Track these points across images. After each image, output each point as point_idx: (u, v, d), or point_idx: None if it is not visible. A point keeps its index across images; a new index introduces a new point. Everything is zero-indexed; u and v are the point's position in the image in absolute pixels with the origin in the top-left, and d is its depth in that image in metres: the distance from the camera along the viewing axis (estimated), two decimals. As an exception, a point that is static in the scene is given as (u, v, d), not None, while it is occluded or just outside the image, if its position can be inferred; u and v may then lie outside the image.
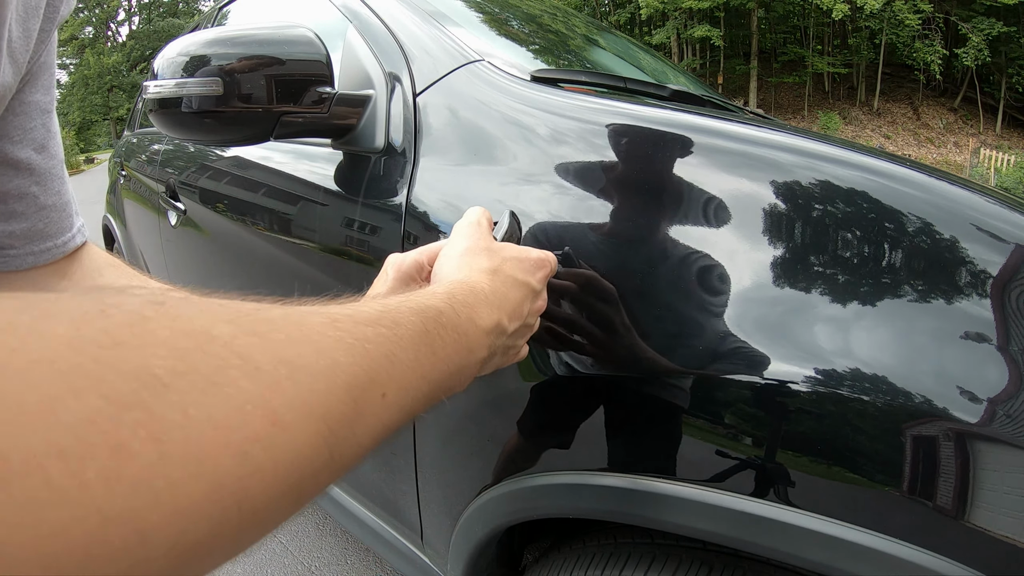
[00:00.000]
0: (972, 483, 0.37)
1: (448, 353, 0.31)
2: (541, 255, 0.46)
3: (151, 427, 0.14)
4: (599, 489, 0.52)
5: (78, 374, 0.13)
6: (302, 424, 0.18)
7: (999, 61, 15.67)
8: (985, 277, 0.41)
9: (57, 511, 0.12)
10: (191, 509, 0.14)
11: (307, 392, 0.19)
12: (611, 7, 20.94)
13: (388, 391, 0.24)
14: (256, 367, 0.17)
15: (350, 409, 0.21)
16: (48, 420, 0.12)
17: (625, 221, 0.54)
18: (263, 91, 0.67)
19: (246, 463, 0.16)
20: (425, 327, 0.29)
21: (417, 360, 0.27)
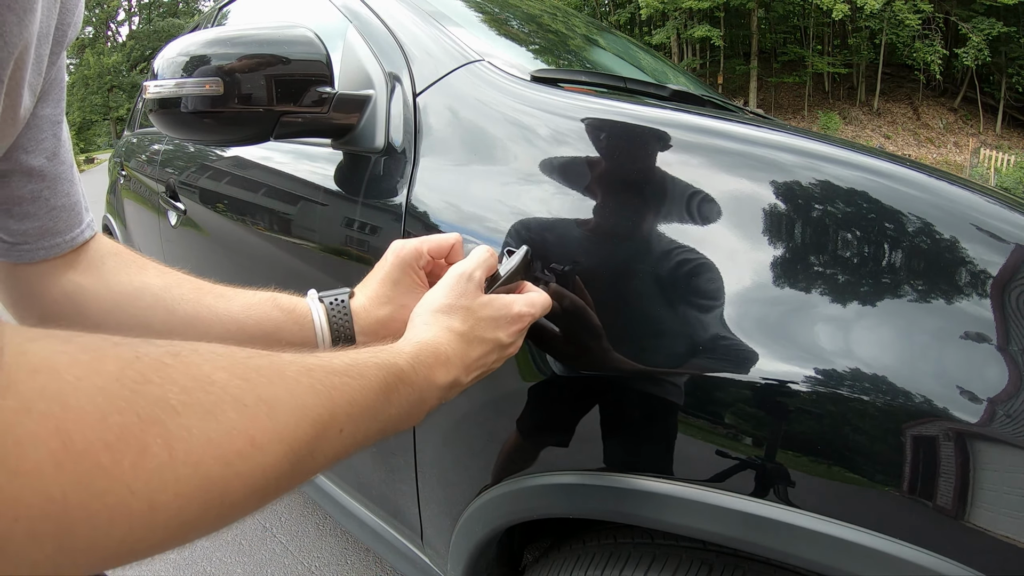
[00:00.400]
0: (972, 483, 0.37)
1: (401, 402, 0.36)
2: (522, 309, 0.48)
3: (166, 437, 0.20)
4: (599, 489, 0.52)
5: (121, 398, 0.20)
6: (273, 447, 0.25)
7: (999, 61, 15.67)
8: (985, 277, 0.41)
9: (101, 482, 0.18)
10: (188, 495, 0.21)
11: (279, 424, 0.26)
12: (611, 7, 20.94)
13: (345, 428, 0.30)
14: (243, 404, 0.24)
15: (311, 438, 0.27)
16: (102, 424, 0.19)
17: (625, 221, 0.54)
18: (263, 91, 0.67)
19: (229, 469, 0.23)
20: (386, 381, 0.35)
21: (374, 407, 0.33)
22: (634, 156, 0.57)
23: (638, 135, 0.57)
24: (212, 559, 1.40)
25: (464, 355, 0.44)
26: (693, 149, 0.54)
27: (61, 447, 0.17)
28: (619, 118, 0.59)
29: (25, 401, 0.17)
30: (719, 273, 0.48)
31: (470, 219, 0.64)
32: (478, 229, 0.63)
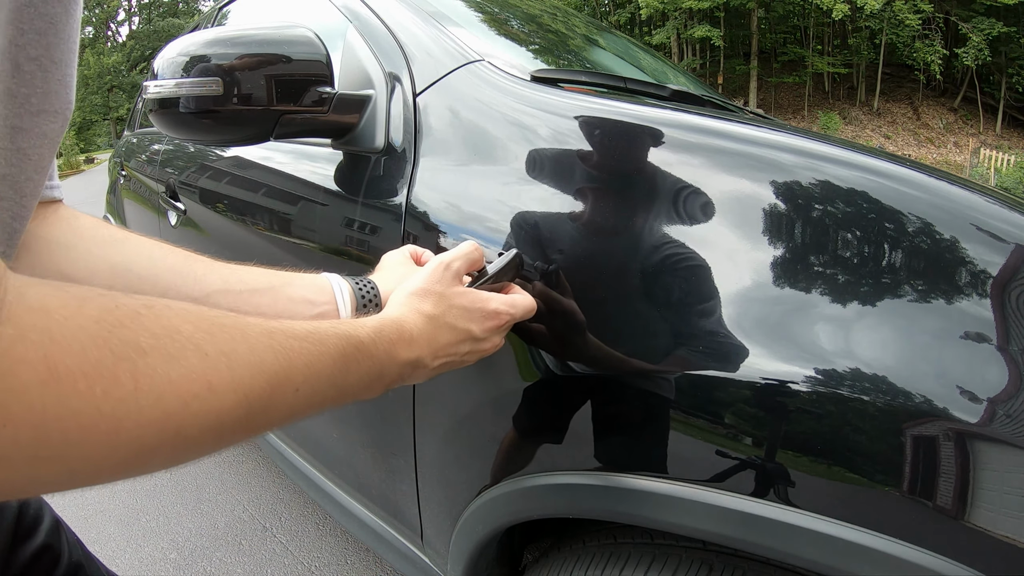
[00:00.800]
0: (972, 483, 0.37)
1: (360, 372, 0.38)
2: (499, 307, 0.49)
3: (133, 372, 0.24)
4: (599, 489, 0.52)
5: (100, 337, 0.23)
6: (228, 394, 0.28)
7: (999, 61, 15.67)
8: (985, 277, 0.41)
9: (76, 402, 0.22)
10: (147, 424, 0.24)
11: (236, 375, 0.28)
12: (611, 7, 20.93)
13: (301, 388, 0.33)
14: (205, 353, 0.27)
15: (267, 393, 0.30)
16: (81, 356, 0.22)
17: (625, 221, 0.54)
18: (263, 91, 0.67)
19: (186, 408, 0.26)
20: (344, 350, 0.36)
21: (332, 372, 0.35)
22: (634, 156, 0.57)
23: (638, 135, 0.57)
24: (212, 559, 1.40)
25: (431, 338, 0.45)
26: (693, 149, 0.54)
27: (46, 370, 0.21)
28: (619, 118, 0.59)
29: (21, 331, 0.21)
30: (719, 273, 0.48)
31: (470, 219, 0.64)
32: (478, 229, 0.63)
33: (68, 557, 0.53)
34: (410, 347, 0.43)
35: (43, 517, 0.52)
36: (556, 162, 0.61)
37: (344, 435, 0.94)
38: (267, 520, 1.54)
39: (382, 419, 0.81)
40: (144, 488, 1.67)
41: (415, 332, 0.44)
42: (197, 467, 1.77)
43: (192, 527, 1.51)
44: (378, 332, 0.40)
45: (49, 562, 0.51)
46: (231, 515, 1.56)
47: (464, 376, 0.64)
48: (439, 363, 0.46)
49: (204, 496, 1.64)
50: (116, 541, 1.47)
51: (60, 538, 0.53)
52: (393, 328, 0.42)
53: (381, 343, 0.40)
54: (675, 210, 0.52)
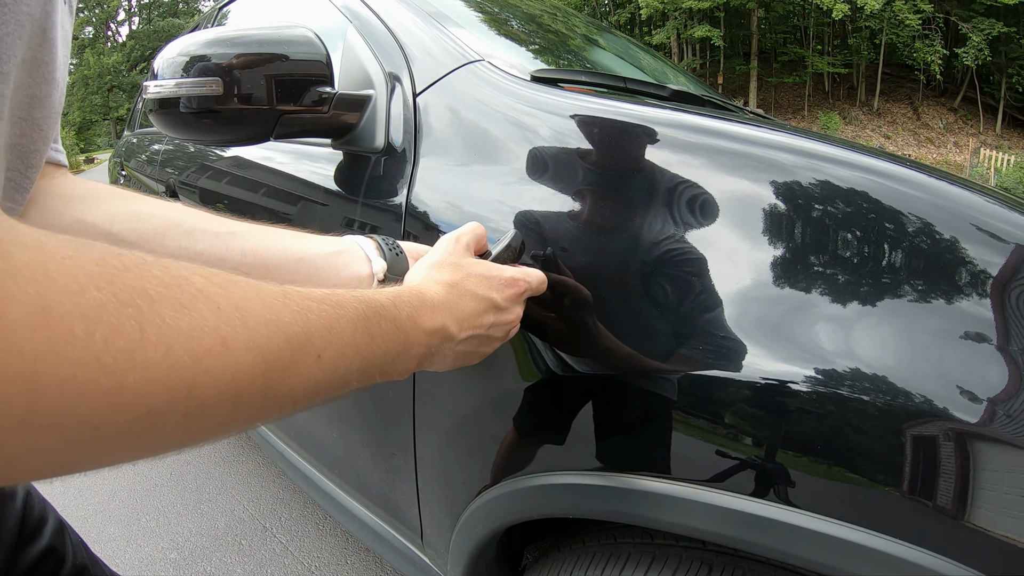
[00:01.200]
0: (972, 483, 0.37)
1: (385, 339, 0.35)
2: (515, 275, 0.49)
3: (139, 320, 0.21)
4: (599, 489, 0.52)
5: (101, 279, 0.20)
6: (244, 354, 0.25)
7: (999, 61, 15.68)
8: (985, 277, 0.41)
9: (73, 350, 0.19)
10: (155, 380, 0.21)
11: (252, 332, 0.25)
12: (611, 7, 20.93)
13: (323, 355, 0.30)
14: (217, 306, 0.24)
15: (286, 357, 0.27)
16: (80, 297, 0.19)
17: (625, 221, 0.54)
18: (263, 91, 0.67)
19: (198, 365, 0.23)
20: (365, 313, 0.34)
21: (354, 337, 0.32)
22: (634, 156, 0.57)
23: (638, 135, 0.57)
24: (212, 559, 1.40)
25: (454, 306, 0.43)
26: (694, 149, 0.54)
27: (38, 311, 0.18)
28: (619, 118, 0.59)
29: (12, 267, 0.18)
30: (719, 273, 0.48)
31: (470, 219, 0.64)
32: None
33: (72, 559, 0.52)
34: (433, 314, 0.41)
35: (47, 519, 0.52)
36: (556, 162, 0.61)
37: (344, 435, 0.94)
38: (267, 520, 1.54)
39: (382, 419, 0.81)
40: (144, 488, 1.67)
41: (436, 299, 0.42)
42: (197, 467, 1.77)
43: (192, 527, 1.51)
44: (397, 296, 0.39)
45: (53, 564, 0.50)
46: (231, 515, 1.56)
47: (464, 376, 0.64)
48: (466, 335, 0.44)
49: (204, 496, 1.64)
50: (116, 541, 1.47)
51: (64, 540, 0.53)
52: (413, 295, 0.41)
53: (403, 307, 0.38)
54: (675, 210, 0.52)
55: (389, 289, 0.40)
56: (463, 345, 0.45)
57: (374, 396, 0.81)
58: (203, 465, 1.78)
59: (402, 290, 0.40)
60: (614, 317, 0.51)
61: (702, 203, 0.51)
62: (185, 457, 1.82)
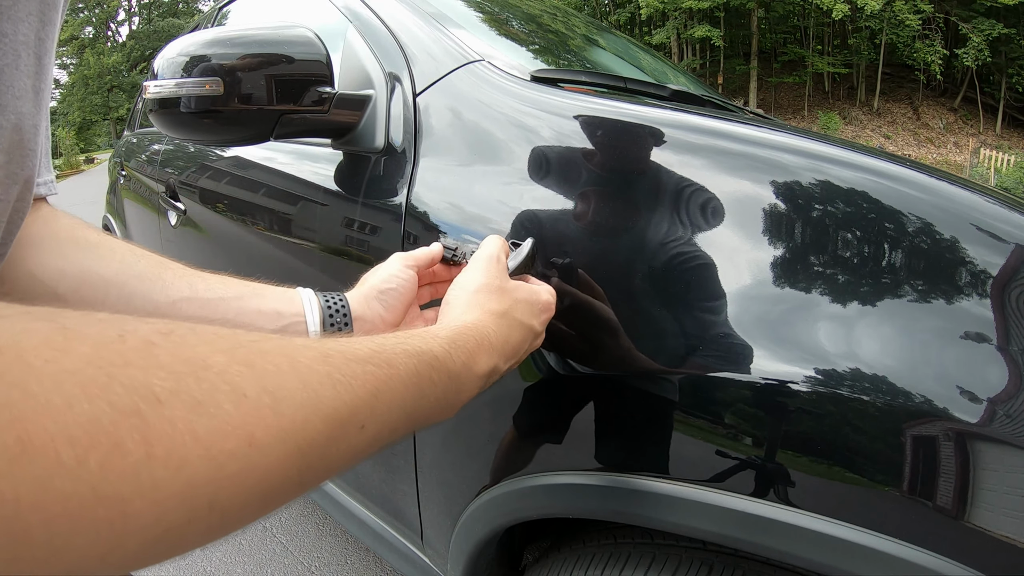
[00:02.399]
0: (972, 483, 0.37)
1: (436, 394, 0.33)
2: (549, 299, 0.48)
3: (144, 432, 0.17)
4: (599, 489, 0.52)
5: (94, 384, 0.17)
6: (276, 447, 0.21)
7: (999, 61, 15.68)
8: (985, 277, 0.41)
9: (62, 482, 0.15)
10: (167, 501, 0.18)
11: (285, 420, 0.22)
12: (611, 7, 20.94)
13: (368, 424, 0.27)
14: (243, 394, 0.21)
15: (325, 438, 0.24)
16: (65, 415, 0.16)
17: (625, 221, 0.54)
18: (263, 91, 0.67)
19: (221, 472, 0.19)
20: (418, 370, 0.31)
21: (403, 399, 0.29)
22: (634, 156, 0.57)
23: (638, 135, 0.57)
24: (212, 559, 1.40)
25: (505, 339, 0.41)
26: (695, 149, 0.54)
27: (16, 441, 0.15)
28: (619, 118, 0.59)
29: None
30: (720, 273, 0.48)
31: (471, 219, 0.64)
32: (479, 229, 0.63)
33: None
34: (489, 355, 0.39)
35: None
36: (556, 162, 0.61)
37: (344, 435, 0.94)
38: (267, 520, 1.54)
39: (382, 419, 0.81)
40: (144, 488, 1.67)
41: (493, 338, 0.40)
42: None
43: (192, 527, 1.51)
44: (453, 343, 0.36)
45: None
46: (231, 515, 1.56)
47: (464, 376, 0.64)
48: (509, 365, 0.43)
49: (204, 496, 1.64)
50: (116, 541, 1.47)
51: None
52: (472, 336, 0.38)
53: (458, 355, 0.35)
54: (676, 210, 0.52)
55: (444, 332, 0.36)
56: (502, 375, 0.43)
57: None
58: (203, 465, 1.78)
59: (459, 332, 0.37)
60: (617, 317, 0.51)
61: (702, 204, 0.51)
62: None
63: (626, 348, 0.50)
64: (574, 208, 0.57)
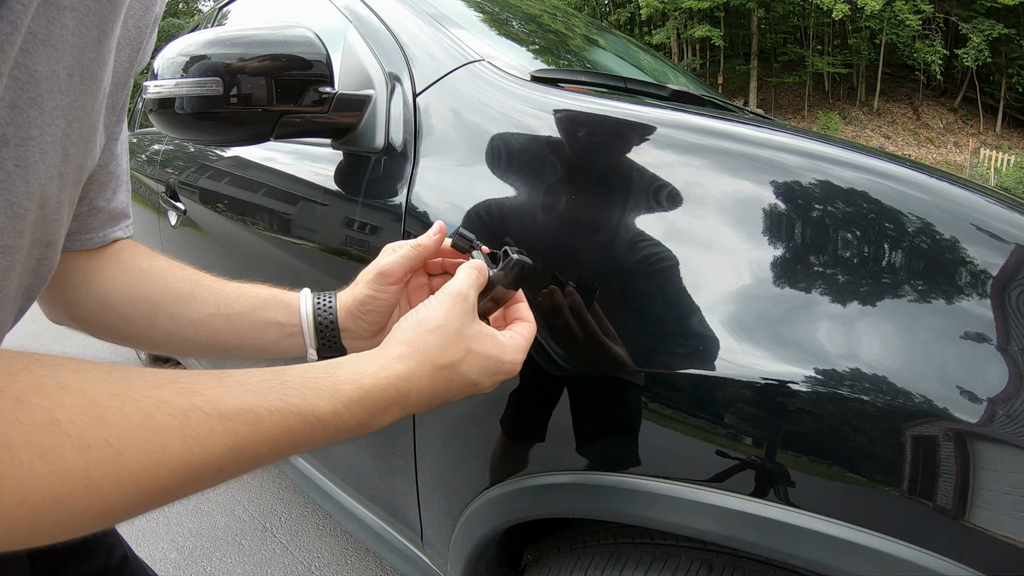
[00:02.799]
0: (972, 483, 0.37)
1: (313, 440, 0.33)
2: (514, 362, 0.44)
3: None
4: (599, 489, 0.52)
5: None
6: (115, 491, 0.25)
7: (999, 61, 15.68)
8: (985, 277, 0.41)
9: None
10: (15, 523, 0.23)
11: (124, 469, 0.26)
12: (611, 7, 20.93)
13: (227, 469, 0.29)
14: (87, 445, 0.25)
15: (171, 483, 0.28)
16: None
17: (626, 221, 0.54)
18: (263, 91, 0.67)
19: (62, 507, 0.24)
20: (291, 427, 0.32)
21: (270, 450, 0.31)
22: (634, 157, 0.57)
23: (639, 135, 0.57)
24: (212, 559, 1.40)
25: (434, 395, 0.40)
26: (695, 150, 0.54)
27: None
28: (620, 118, 0.59)
29: None
30: (721, 273, 0.48)
31: (471, 219, 0.64)
32: (479, 229, 0.63)
33: None
34: (404, 409, 0.38)
35: None
36: (556, 162, 0.61)
37: (344, 435, 0.94)
38: (267, 520, 1.54)
39: (382, 419, 0.81)
40: (144, 488, 1.67)
41: (415, 396, 0.39)
42: (197, 467, 1.77)
43: (192, 527, 1.51)
44: (356, 403, 0.35)
45: None
46: (231, 515, 1.56)
47: (464, 376, 0.64)
48: (425, 407, 0.41)
49: (204, 496, 1.64)
50: (116, 541, 1.47)
51: None
52: (389, 396, 0.37)
53: (358, 413, 0.35)
54: (677, 210, 0.52)
55: (352, 388, 0.35)
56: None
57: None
58: (203, 465, 1.78)
59: (372, 391, 0.36)
60: (616, 317, 0.51)
61: (703, 204, 0.51)
62: (185, 457, 1.82)
63: (628, 349, 0.50)
64: (573, 208, 0.57)
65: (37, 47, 0.28)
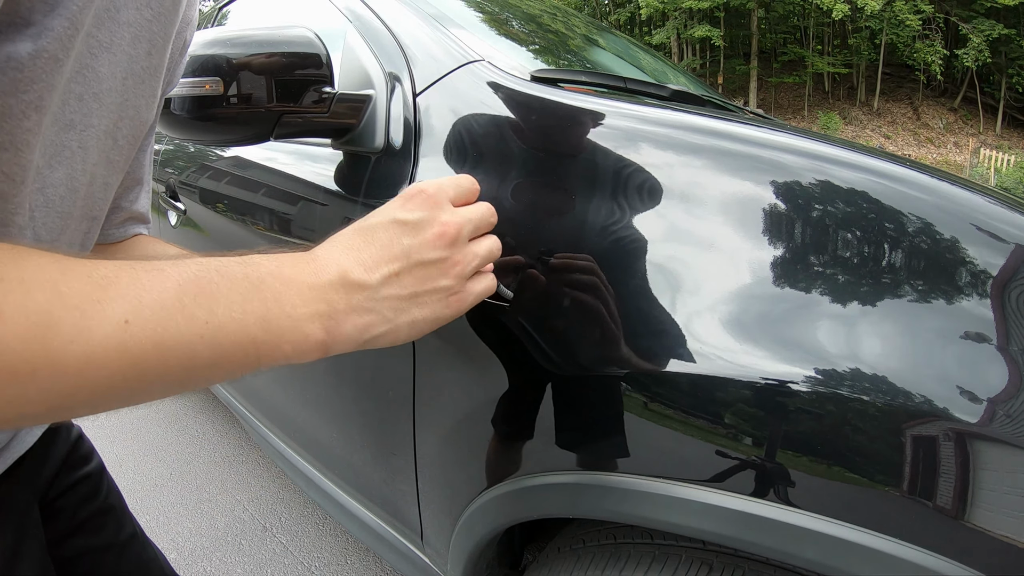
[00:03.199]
0: (972, 483, 0.37)
1: (232, 300, 0.31)
2: (428, 185, 0.41)
3: None
4: (599, 489, 0.52)
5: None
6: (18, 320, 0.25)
7: (999, 61, 15.68)
8: (985, 277, 0.41)
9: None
10: None
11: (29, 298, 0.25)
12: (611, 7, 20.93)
13: (131, 319, 0.27)
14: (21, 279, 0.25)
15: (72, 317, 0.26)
16: None
17: (626, 221, 0.54)
18: (263, 91, 0.67)
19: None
20: (196, 276, 0.30)
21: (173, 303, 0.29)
22: (635, 157, 0.57)
23: (639, 136, 0.57)
24: (212, 559, 1.40)
25: (357, 246, 0.38)
26: (696, 150, 0.54)
27: None
28: (620, 118, 0.59)
29: None
30: (722, 273, 0.48)
31: (470, 219, 0.64)
32: (478, 229, 0.63)
33: (104, 497, 0.58)
34: (315, 263, 0.35)
35: (92, 459, 0.59)
36: (556, 162, 0.61)
37: (344, 435, 0.94)
38: (267, 520, 1.54)
39: (382, 419, 0.81)
40: (144, 488, 1.67)
41: (321, 249, 0.37)
42: (197, 467, 1.77)
43: (192, 527, 1.51)
44: (255, 256, 0.34)
45: (88, 491, 0.57)
46: (231, 515, 1.56)
47: (464, 375, 0.64)
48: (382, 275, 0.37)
49: (204, 496, 1.64)
50: (116, 541, 1.47)
51: (102, 480, 0.59)
52: (283, 253, 0.35)
53: (262, 264, 0.33)
54: (678, 210, 0.52)
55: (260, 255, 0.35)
56: (392, 301, 0.37)
57: (374, 396, 0.81)
58: (203, 465, 1.78)
59: (262, 255, 0.35)
60: (617, 316, 0.51)
61: (703, 204, 0.51)
62: (185, 457, 1.82)
63: (628, 348, 0.50)
64: (574, 207, 0.57)
65: (102, 52, 0.32)
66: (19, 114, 0.28)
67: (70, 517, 0.54)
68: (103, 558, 0.56)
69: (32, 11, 0.27)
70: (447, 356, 0.66)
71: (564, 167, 0.60)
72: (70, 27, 0.28)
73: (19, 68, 0.27)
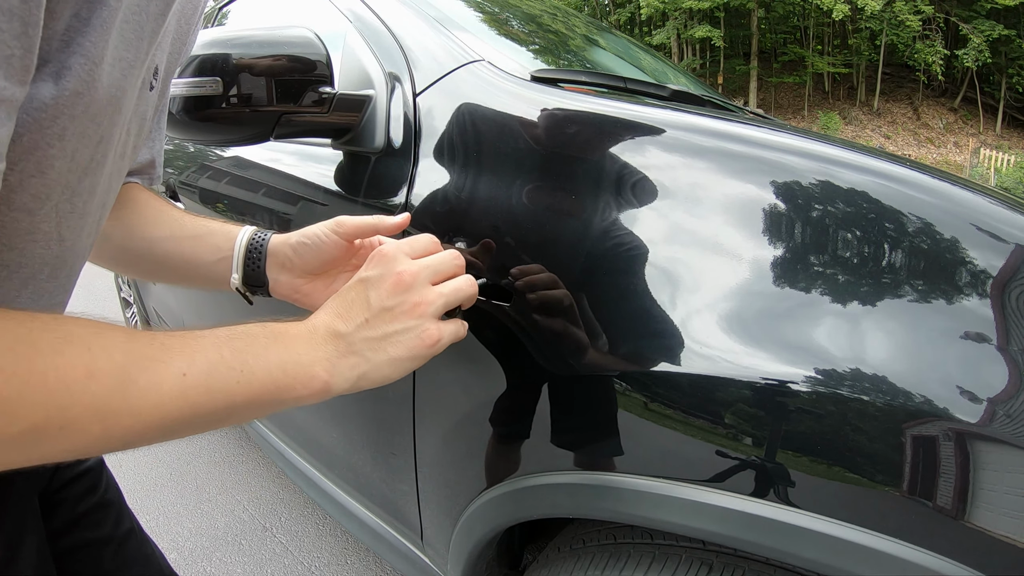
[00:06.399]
0: (972, 483, 0.37)
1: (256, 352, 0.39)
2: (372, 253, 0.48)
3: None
4: (599, 489, 0.52)
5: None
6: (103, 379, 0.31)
7: (999, 62, 15.68)
8: (985, 277, 0.41)
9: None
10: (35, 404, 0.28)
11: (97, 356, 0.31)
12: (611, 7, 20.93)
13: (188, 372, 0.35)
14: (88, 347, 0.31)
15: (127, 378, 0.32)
16: None
17: (626, 221, 0.54)
18: (263, 91, 0.67)
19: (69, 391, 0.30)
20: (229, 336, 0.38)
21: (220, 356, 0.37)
22: (635, 157, 0.57)
23: (639, 135, 0.57)
24: (212, 559, 1.40)
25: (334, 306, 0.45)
26: (696, 150, 0.54)
27: None
28: (620, 118, 0.59)
29: None
30: (723, 273, 0.48)
31: (471, 219, 0.64)
32: (480, 230, 0.63)
33: (104, 491, 0.59)
34: (309, 324, 0.43)
35: None
36: (555, 162, 0.61)
37: (344, 435, 0.94)
38: (267, 520, 1.54)
39: (382, 419, 0.81)
40: (144, 488, 1.67)
41: (314, 315, 0.44)
42: (197, 467, 1.77)
43: (192, 527, 1.51)
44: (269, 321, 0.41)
45: (87, 487, 0.58)
46: (231, 515, 1.56)
47: (464, 376, 0.64)
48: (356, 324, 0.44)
49: (204, 496, 1.64)
50: (116, 541, 1.47)
51: (102, 474, 0.60)
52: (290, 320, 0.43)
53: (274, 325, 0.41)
54: (678, 210, 0.52)
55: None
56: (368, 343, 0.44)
57: (374, 396, 0.81)
58: (203, 465, 1.78)
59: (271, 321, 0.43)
60: (617, 316, 0.51)
61: (703, 204, 0.51)
62: (185, 457, 1.82)
63: (628, 348, 0.50)
64: (574, 208, 0.57)
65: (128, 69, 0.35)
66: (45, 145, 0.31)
67: (70, 510, 0.55)
68: (101, 552, 0.57)
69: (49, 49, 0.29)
70: (447, 357, 0.66)
71: (564, 167, 0.60)
72: (87, 63, 0.30)
73: (43, 108, 0.30)
